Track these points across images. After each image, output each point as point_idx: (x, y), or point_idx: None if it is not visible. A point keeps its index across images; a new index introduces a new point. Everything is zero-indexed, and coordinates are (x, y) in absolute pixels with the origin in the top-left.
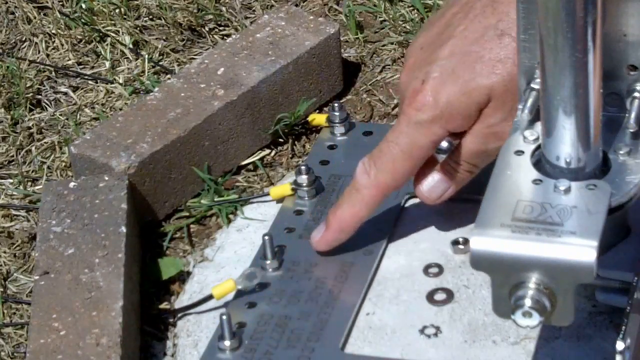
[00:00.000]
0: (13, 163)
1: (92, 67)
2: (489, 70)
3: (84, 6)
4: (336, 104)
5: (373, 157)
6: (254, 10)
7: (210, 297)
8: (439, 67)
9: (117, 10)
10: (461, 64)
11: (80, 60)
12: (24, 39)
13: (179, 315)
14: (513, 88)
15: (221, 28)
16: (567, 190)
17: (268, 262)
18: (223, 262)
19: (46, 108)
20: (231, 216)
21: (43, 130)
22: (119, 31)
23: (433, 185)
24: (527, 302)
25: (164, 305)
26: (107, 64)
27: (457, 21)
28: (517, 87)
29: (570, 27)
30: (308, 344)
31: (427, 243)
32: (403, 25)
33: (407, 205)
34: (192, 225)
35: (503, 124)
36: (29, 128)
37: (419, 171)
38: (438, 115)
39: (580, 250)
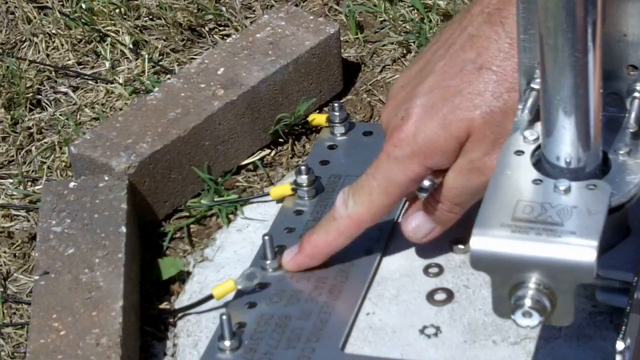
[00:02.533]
0: (13, 163)
1: (92, 67)
2: (467, 103)
3: (84, 6)
4: (336, 104)
5: (352, 189)
6: (254, 10)
7: (210, 297)
8: (418, 102)
9: (117, 10)
10: (440, 99)
11: (80, 60)
12: (24, 39)
13: (179, 315)
14: (493, 121)
15: (221, 28)
16: (567, 190)
17: (268, 262)
18: (223, 262)
19: (46, 108)
20: (231, 216)
21: (43, 130)
22: (119, 31)
23: (417, 225)
24: (527, 302)
25: (164, 305)
26: (107, 64)
27: (437, 58)
28: (497, 119)
29: (570, 27)
30: (308, 344)
31: (427, 243)
32: (403, 25)
33: (407, 205)
34: (192, 225)
35: (485, 159)
36: (29, 128)
37: (407, 210)
38: (416, 151)
39: (580, 250)
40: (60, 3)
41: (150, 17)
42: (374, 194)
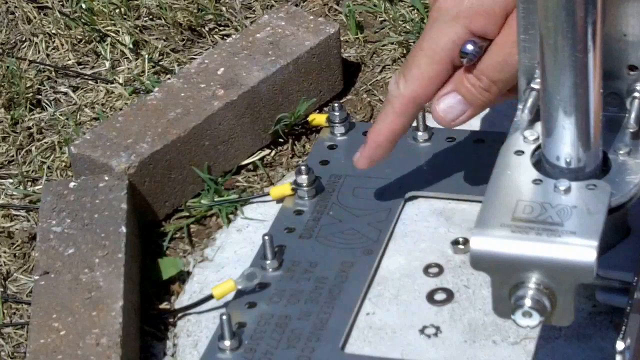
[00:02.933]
0: (13, 163)
1: (92, 67)
2: None
3: (84, 6)
4: (336, 104)
5: (402, 67)
6: (254, 10)
7: (210, 297)
8: None
9: (117, 10)
10: None
11: (80, 60)
12: (24, 39)
13: (179, 315)
14: None
15: (221, 28)
16: (567, 190)
17: (268, 262)
18: (223, 262)
19: (46, 108)
20: (231, 216)
21: (43, 130)
22: (119, 31)
23: (450, 105)
24: (527, 302)
25: (164, 305)
26: (107, 64)
27: None
28: None
29: (570, 27)
30: (308, 344)
31: (427, 243)
32: (403, 25)
33: (407, 205)
34: (192, 225)
35: None
36: (29, 128)
37: (439, 91)
38: (461, 12)
39: (580, 250)
40: (60, 3)
41: (150, 17)
42: (422, 65)
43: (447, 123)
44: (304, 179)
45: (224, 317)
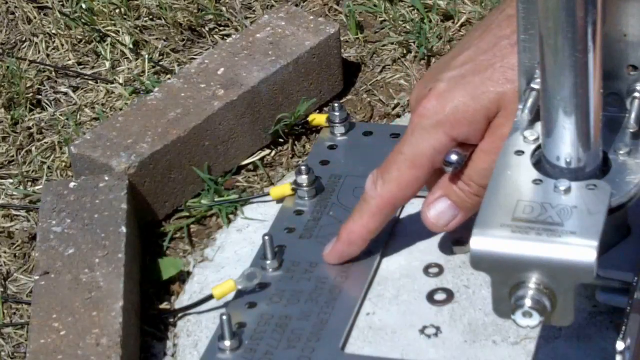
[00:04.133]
0: (13, 163)
1: (92, 67)
2: (499, 76)
3: (84, 6)
4: (336, 104)
5: (381, 168)
6: (254, 10)
7: (210, 297)
8: (448, 75)
9: (117, 10)
10: (471, 71)
11: (80, 60)
12: (24, 39)
13: (179, 315)
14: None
15: (221, 28)
16: (567, 190)
17: (268, 262)
18: (223, 262)
19: (46, 108)
20: (231, 216)
21: (43, 130)
22: (119, 31)
23: (441, 211)
24: (527, 302)
25: (164, 305)
26: (107, 64)
27: (474, 36)
28: None
29: (570, 27)
30: (308, 344)
31: (427, 243)
32: (403, 25)
33: (407, 205)
34: (192, 225)
35: None
36: (29, 128)
37: (428, 197)
38: (442, 120)
39: (580, 250)
40: (60, 3)
41: (150, 17)
42: (401, 169)
43: (439, 229)
44: (304, 179)
45: (224, 317)
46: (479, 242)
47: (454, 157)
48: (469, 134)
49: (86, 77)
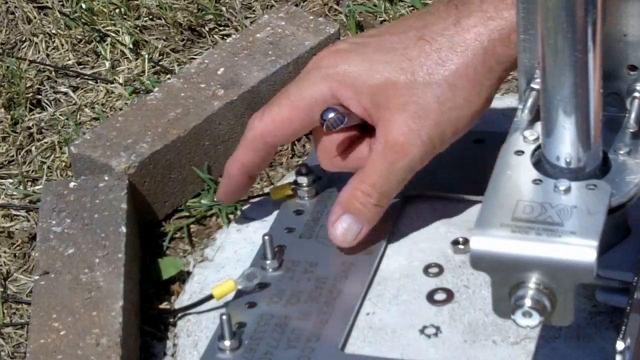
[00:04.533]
0: (13, 163)
1: (92, 67)
2: (396, 64)
3: (84, 6)
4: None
5: (266, 104)
6: (254, 10)
7: (210, 297)
8: (353, 40)
9: (117, 10)
10: (374, 45)
11: (80, 60)
12: (24, 39)
13: (179, 315)
14: (416, 89)
15: (221, 28)
16: (567, 190)
17: (268, 262)
18: (223, 262)
19: (46, 108)
20: (231, 216)
21: (43, 130)
22: (119, 31)
23: (345, 228)
24: (527, 302)
25: (164, 305)
26: (107, 64)
27: (392, 22)
28: (420, 90)
29: (570, 27)
30: (308, 344)
31: (427, 243)
32: None
33: (407, 205)
34: (192, 225)
35: (407, 133)
36: (29, 128)
37: (330, 217)
38: (331, 74)
39: (580, 250)
40: (60, 3)
41: (150, 17)
42: (280, 106)
43: (349, 244)
44: (304, 179)
45: (224, 317)
46: (479, 242)
47: (330, 115)
48: (352, 101)
49: (86, 77)
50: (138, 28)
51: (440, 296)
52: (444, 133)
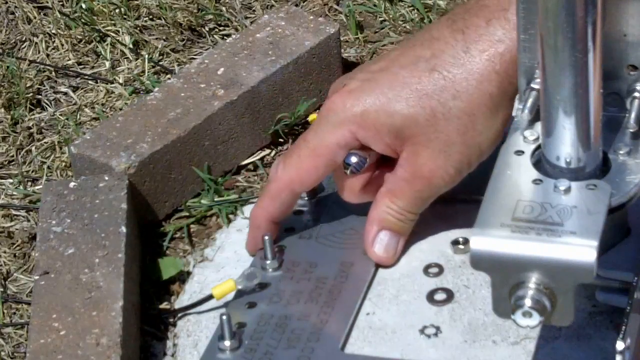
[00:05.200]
0: (13, 163)
1: (92, 67)
2: (414, 101)
3: (84, 6)
4: None
5: (285, 154)
6: (254, 10)
7: (210, 297)
8: (363, 77)
9: (117, 10)
10: (387, 81)
11: (80, 60)
12: (24, 39)
13: (179, 315)
14: (437, 125)
15: (221, 28)
16: (567, 190)
17: (268, 262)
18: (223, 262)
19: (46, 108)
20: (231, 216)
21: (43, 130)
22: (119, 31)
23: (385, 244)
24: (527, 302)
25: (164, 305)
26: (107, 64)
27: (395, 51)
28: (441, 125)
29: (570, 27)
30: (308, 344)
31: (427, 243)
32: (403, 25)
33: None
34: (192, 225)
35: (432, 167)
36: (29, 128)
37: (367, 236)
38: (350, 119)
39: (580, 250)
40: (60, 3)
41: (150, 17)
42: (302, 156)
43: (390, 260)
44: None
45: (224, 317)
46: (479, 242)
47: (353, 160)
48: (373, 141)
49: (86, 77)
50: (138, 28)
51: (440, 296)
52: (469, 160)
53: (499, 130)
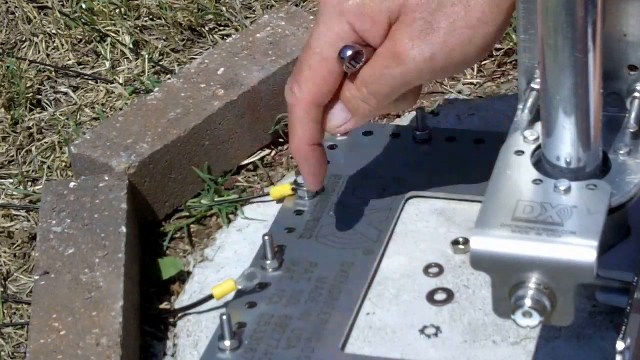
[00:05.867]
0: (13, 163)
1: (92, 67)
2: None
3: (84, 6)
4: None
5: (294, 71)
6: (254, 10)
7: (210, 297)
8: None
9: (117, 10)
10: None
11: (80, 60)
12: (24, 39)
13: (179, 315)
14: (428, 6)
15: (221, 28)
16: (567, 190)
17: (268, 262)
18: (223, 262)
19: (46, 108)
20: (231, 216)
21: (43, 130)
22: (119, 31)
23: (333, 112)
24: (527, 302)
25: (164, 305)
26: (107, 63)
27: None
28: (431, 6)
29: (570, 27)
30: (308, 344)
31: (427, 243)
32: None
33: (407, 205)
34: (192, 225)
35: (408, 45)
36: (29, 128)
37: (327, 104)
38: (345, 9)
39: (580, 250)
40: (60, 3)
41: (150, 17)
42: (312, 65)
43: (332, 129)
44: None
45: (224, 317)
46: (479, 242)
47: (348, 52)
48: (371, 32)
49: (86, 77)
50: (138, 28)
51: (440, 296)
52: (451, 54)
53: (490, 34)
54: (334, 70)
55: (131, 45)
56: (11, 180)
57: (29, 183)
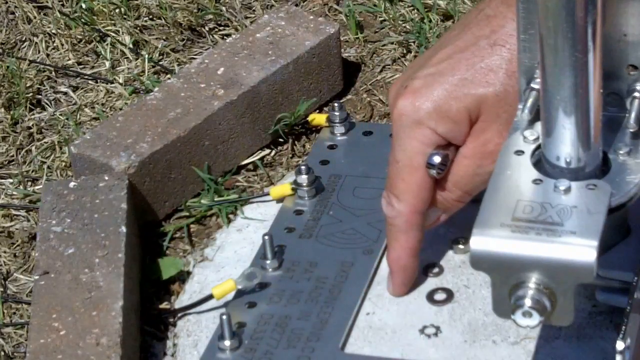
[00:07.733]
0: (13, 163)
1: (92, 67)
2: (480, 78)
3: (84, 6)
4: (336, 104)
5: (388, 186)
6: (254, 10)
7: (210, 297)
8: (425, 72)
9: (117, 10)
10: (450, 69)
11: (80, 60)
12: (24, 39)
13: (179, 315)
14: (507, 100)
15: (221, 28)
16: (567, 190)
17: (268, 262)
18: (223, 262)
19: (46, 108)
20: (231, 216)
21: (43, 130)
22: (119, 31)
23: (428, 213)
24: (527, 302)
25: (164, 305)
26: (107, 63)
27: (452, 36)
28: (510, 99)
29: (570, 27)
30: (308, 344)
31: (427, 243)
32: (403, 25)
33: None
34: (192, 225)
35: (498, 141)
36: (29, 128)
37: None
38: (423, 117)
39: (580, 250)
40: (60, 3)
41: (150, 17)
42: (405, 178)
43: (425, 228)
44: (304, 178)
45: (224, 317)
46: (479, 242)
47: (436, 159)
48: (453, 132)
49: (86, 77)
50: (138, 28)
51: (440, 296)
52: None
53: None
54: (426, 177)
55: (131, 45)
56: (11, 180)
57: (29, 183)
